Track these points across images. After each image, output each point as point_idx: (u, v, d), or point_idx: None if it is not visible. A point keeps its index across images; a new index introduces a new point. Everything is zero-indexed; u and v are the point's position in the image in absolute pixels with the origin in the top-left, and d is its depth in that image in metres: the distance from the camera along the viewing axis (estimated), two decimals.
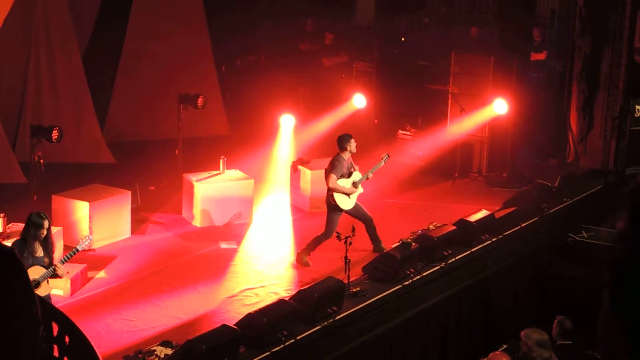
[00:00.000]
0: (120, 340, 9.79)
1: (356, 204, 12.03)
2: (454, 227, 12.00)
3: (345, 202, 11.87)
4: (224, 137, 17.28)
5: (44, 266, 9.03)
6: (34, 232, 8.99)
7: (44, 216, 9.10)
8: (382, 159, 12.45)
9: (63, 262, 9.25)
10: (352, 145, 12.01)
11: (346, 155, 12.01)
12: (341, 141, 12.03)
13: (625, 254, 3.69)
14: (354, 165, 12.13)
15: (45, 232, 9.02)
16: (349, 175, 11.99)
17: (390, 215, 13.70)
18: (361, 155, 12.82)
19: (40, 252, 9.06)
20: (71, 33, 15.85)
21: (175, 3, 17.57)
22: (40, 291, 8.85)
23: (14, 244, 9.15)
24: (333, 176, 11.81)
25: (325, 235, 11.85)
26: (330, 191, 11.84)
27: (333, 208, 11.89)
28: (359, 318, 10.19)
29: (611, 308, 3.86)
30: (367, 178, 12.17)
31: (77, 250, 9.37)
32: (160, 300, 10.87)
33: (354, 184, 11.96)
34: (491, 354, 8.72)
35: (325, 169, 12.03)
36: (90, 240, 9.78)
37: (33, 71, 15.63)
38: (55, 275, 9.10)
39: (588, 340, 9.69)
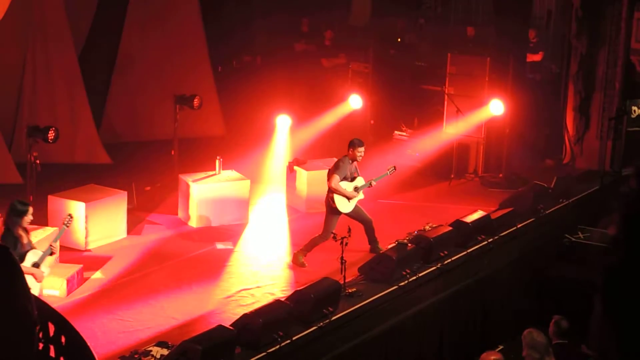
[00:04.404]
0: (116, 341, 9.78)
1: (356, 206, 11.98)
2: (450, 228, 12.00)
3: (344, 205, 11.82)
4: (220, 138, 17.29)
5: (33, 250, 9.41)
6: (17, 220, 9.28)
7: (26, 202, 9.47)
8: (388, 170, 12.36)
9: (55, 241, 9.65)
10: (357, 153, 11.81)
11: (351, 160, 11.92)
12: (349, 144, 11.93)
13: (617, 260, 3.68)
14: (358, 170, 12.07)
15: (30, 218, 9.35)
16: (352, 179, 11.93)
17: (386, 216, 13.69)
18: None
19: (26, 239, 9.38)
20: (67, 33, 15.85)
21: (171, 4, 17.58)
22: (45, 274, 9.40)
23: (4, 234, 9.34)
24: (336, 176, 11.73)
25: (323, 236, 11.81)
26: (331, 192, 11.79)
27: (332, 210, 11.84)
28: (355, 319, 10.20)
29: (603, 313, 3.85)
30: (370, 186, 12.12)
31: (65, 228, 9.89)
32: (157, 300, 10.85)
33: (356, 189, 11.90)
34: (484, 354, 8.72)
35: (329, 169, 11.99)
36: (71, 219, 10.05)
37: (29, 71, 15.63)
38: (51, 254, 9.48)
39: (584, 340, 9.70)
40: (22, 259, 9.23)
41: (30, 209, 9.35)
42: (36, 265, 9.30)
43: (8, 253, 4.55)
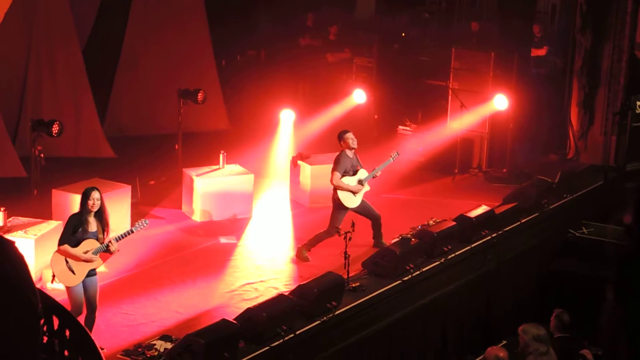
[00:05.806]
0: (120, 335, 9.81)
1: (362, 201, 11.97)
2: (454, 223, 11.99)
3: (350, 200, 11.80)
4: (224, 132, 17.27)
5: (98, 241, 9.45)
6: (83, 204, 9.43)
7: (94, 188, 9.54)
8: (392, 156, 12.32)
9: (117, 240, 9.60)
10: (349, 140, 11.87)
11: (350, 152, 11.91)
12: (338, 139, 11.96)
13: (631, 250, 3.68)
14: (359, 162, 12.04)
15: (93, 203, 9.41)
16: (355, 173, 11.91)
17: (390, 210, 13.66)
18: (361, 151, 12.80)
19: (94, 227, 9.47)
20: (72, 28, 15.84)
21: None
22: (93, 264, 9.39)
23: (71, 216, 9.55)
24: (336, 173, 11.72)
25: (328, 232, 11.80)
26: (335, 189, 11.78)
27: (338, 206, 11.82)
28: (359, 313, 10.21)
29: (615, 303, 3.85)
30: (375, 176, 12.08)
31: (132, 232, 9.77)
32: (160, 294, 10.88)
33: (360, 182, 11.87)
34: (489, 349, 8.73)
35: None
36: (146, 224, 10.01)
37: (33, 65, 15.63)
38: (107, 250, 9.52)
39: (587, 334, 9.71)
40: (78, 244, 9.34)
41: (93, 194, 9.40)
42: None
43: (12, 246, 4.57)
